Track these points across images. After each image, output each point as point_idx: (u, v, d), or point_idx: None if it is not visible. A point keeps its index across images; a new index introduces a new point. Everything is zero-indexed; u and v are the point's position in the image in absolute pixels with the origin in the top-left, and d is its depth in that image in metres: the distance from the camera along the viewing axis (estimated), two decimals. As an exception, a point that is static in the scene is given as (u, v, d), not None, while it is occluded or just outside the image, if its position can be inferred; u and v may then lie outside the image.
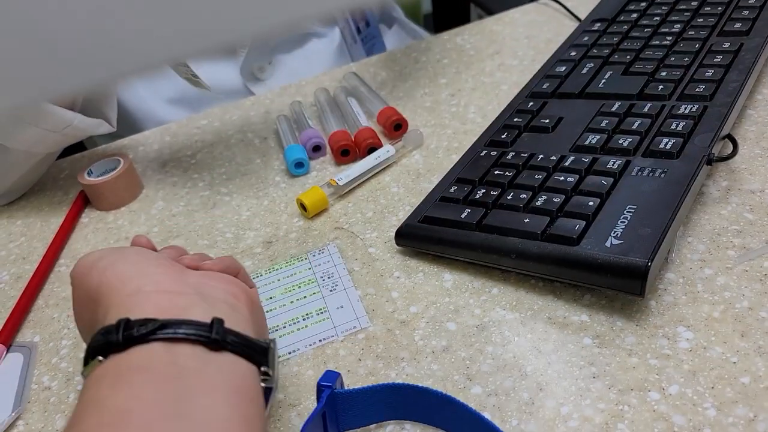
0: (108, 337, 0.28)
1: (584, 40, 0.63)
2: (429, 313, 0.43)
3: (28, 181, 0.64)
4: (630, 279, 0.38)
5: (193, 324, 0.29)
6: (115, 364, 0.28)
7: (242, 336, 0.30)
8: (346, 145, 0.59)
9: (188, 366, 0.27)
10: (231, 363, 0.29)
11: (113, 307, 0.30)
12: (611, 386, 0.36)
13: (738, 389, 0.35)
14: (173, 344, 0.28)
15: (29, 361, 0.46)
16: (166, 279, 0.32)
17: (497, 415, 0.36)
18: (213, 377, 0.27)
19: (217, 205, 0.58)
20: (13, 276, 0.55)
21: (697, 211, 0.46)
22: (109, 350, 0.28)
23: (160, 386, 0.26)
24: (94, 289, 0.33)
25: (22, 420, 0.42)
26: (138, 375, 0.27)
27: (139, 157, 0.68)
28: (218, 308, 0.31)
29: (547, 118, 0.53)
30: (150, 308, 0.29)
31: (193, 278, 0.32)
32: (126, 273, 0.32)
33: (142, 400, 0.25)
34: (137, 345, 0.28)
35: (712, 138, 0.45)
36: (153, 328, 0.28)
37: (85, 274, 0.34)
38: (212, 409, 0.26)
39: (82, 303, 0.35)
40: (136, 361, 0.27)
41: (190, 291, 0.31)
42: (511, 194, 0.46)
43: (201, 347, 0.28)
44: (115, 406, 0.25)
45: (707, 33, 0.58)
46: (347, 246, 0.50)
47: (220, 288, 0.33)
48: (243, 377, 0.29)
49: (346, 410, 0.36)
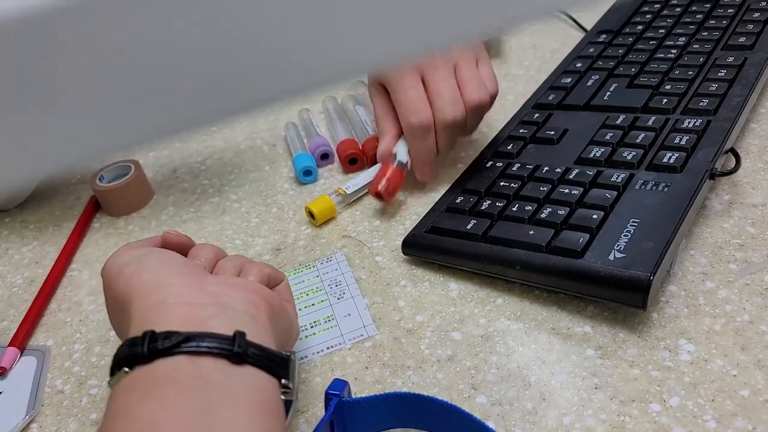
0: (133, 349, 0.29)
1: (590, 52, 0.64)
2: (435, 322, 0.44)
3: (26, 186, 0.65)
4: (632, 292, 0.39)
5: (216, 337, 0.29)
6: (143, 375, 0.28)
7: (263, 349, 0.31)
8: (353, 154, 0.60)
9: (212, 379, 0.28)
10: (252, 376, 0.30)
11: (136, 318, 0.31)
12: (613, 397, 0.37)
13: (738, 402, 0.36)
14: (197, 357, 0.29)
15: (42, 364, 0.47)
16: (187, 290, 0.32)
17: (501, 424, 0.37)
18: (236, 390, 0.28)
19: (227, 212, 0.59)
20: (26, 280, 0.56)
21: (700, 224, 0.47)
22: (135, 362, 0.29)
23: (187, 399, 0.27)
24: (122, 294, 0.34)
25: (36, 423, 0.43)
26: (166, 387, 0.27)
27: (150, 162, 0.69)
28: (239, 320, 0.32)
29: (553, 130, 0.54)
30: (173, 320, 0.30)
31: (213, 287, 0.33)
32: (149, 283, 0.33)
33: (170, 411, 0.26)
34: (162, 357, 0.29)
35: (715, 152, 0.46)
36: (177, 341, 0.29)
37: (114, 278, 0.35)
38: (235, 422, 0.27)
39: (112, 305, 0.36)
40: (163, 373, 0.28)
41: (210, 302, 0.32)
42: (516, 206, 0.46)
43: (224, 360, 0.29)
44: (144, 417, 0.26)
45: (712, 47, 0.59)
46: (354, 254, 0.51)
47: (240, 298, 0.33)
48: (264, 390, 0.30)
49: (354, 418, 0.37)
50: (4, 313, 0.53)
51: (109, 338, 0.48)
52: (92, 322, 0.50)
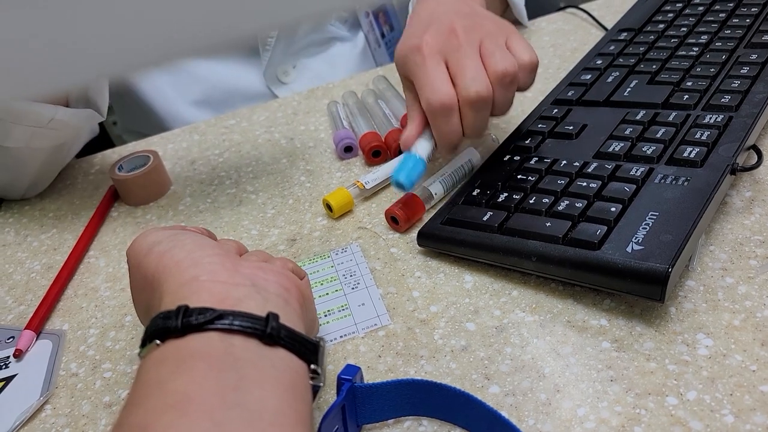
0: (167, 323, 0.29)
1: (610, 49, 0.63)
2: (449, 313, 0.44)
3: (48, 174, 0.66)
4: (650, 284, 0.38)
5: (249, 317, 0.29)
6: (175, 348, 0.28)
7: (295, 332, 0.30)
8: (377, 146, 0.60)
9: (243, 357, 0.28)
10: (283, 359, 0.29)
11: (169, 294, 0.31)
12: (629, 390, 0.37)
13: (757, 397, 0.35)
14: (229, 335, 0.29)
15: (58, 348, 0.48)
16: (222, 269, 0.32)
17: (514, 415, 0.37)
18: (266, 371, 0.28)
19: (243, 203, 0.59)
20: (44, 266, 0.56)
21: (720, 220, 0.46)
22: (167, 335, 0.29)
23: (220, 374, 0.27)
24: (151, 273, 0.33)
25: (49, 404, 0.43)
26: (199, 362, 0.27)
27: (168, 154, 0.69)
28: (272, 302, 0.31)
29: (571, 125, 0.53)
30: (206, 297, 0.30)
31: (248, 270, 0.33)
32: (183, 260, 0.33)
33: (202, 386, 0.26)
34: (195, 333, 0.28)
35: (736, 148, 0.45)
36: (211, 317, 0.28)
37: (144, 256, 0.35)
38: (267, 401, 0.27)
39: (138, 284, 0.36)
40: (195, 348, 0.28)
41: (245, 282, 0.32)
42: (533, 198, 0.46)
43: (255, 341, 0.29)
44: (177, 390, 0.26)
45: (735, 44, 0.58)
46: (370, 245, 0.51)
47: (273, 281, 0.33)
48: (294, 373, 0.29)
49: (365, 404, 0.36)
50: (21, 297, 0.53)
51: (124, 324, 0.49)
52: (108, 307, 0.51)
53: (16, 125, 0.57)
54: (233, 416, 0.25)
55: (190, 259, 0.32)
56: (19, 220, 0.63)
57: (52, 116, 0.58)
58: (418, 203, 0.52)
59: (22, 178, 0.63)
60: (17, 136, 0.58)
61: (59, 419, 0.42)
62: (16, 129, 0.57)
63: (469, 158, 0.56)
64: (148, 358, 0.29)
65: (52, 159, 0.64)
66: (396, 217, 0.51)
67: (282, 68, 0.85)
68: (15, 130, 0.57)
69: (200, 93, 0.84)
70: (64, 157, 0.67)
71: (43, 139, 0.60)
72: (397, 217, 0.51)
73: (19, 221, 0.63)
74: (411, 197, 0.52)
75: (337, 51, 0.89)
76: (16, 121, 0.57)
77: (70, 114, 0.59)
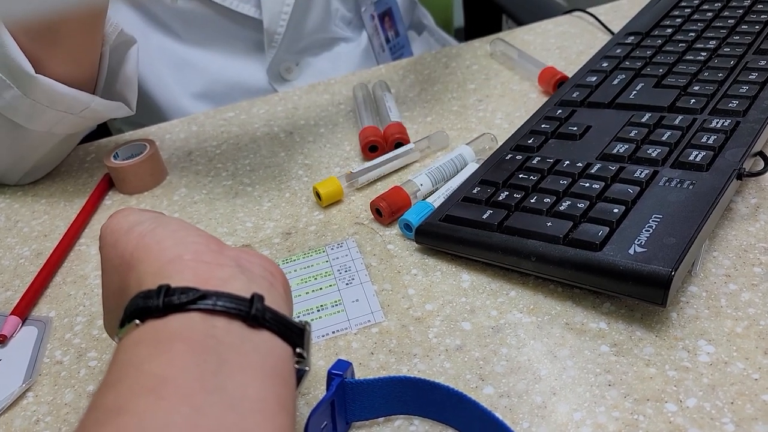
0: (147, 302, 0.27)
1: (617, 52, 0.62)
2: (444, 312, 0.43)
3: (50, 162, 0.65)
4: (652, 287, 0.37)
5: (233, 297, 0.28)
6: (153, 329, 0.27)
7: (280, 315, 0.29)
8: (373, 141, 0.59)
9: (225, 341, 0.27)
10: (267, 342, 0.28)
11: (150, 274, 0.30)
12: (627, 395, 0.36)
13: (758, 406, 0.34)
14: (211, 316, 0.27)
15: (43, 335, 0.47)
16: (206, 250, 0.31)
17: (508, 417, 0.36)
18: (249, 355, 0.27)
19: (239, 195, 0.58)
20: (33, 252, 0.55)
21: (724, 226, 0.45)
22: (147, 315, 0.27)
23: (199, 357, 0.25)
24: (130, 252, 0.32)
25: (32, 392, 0.42)
26: (178, 343, 0.26)
27: (165, 144, 0.68)
28: (257, 283, 0.30)
29: (575, 126, 0.52)
30: (189, 277, 0.29)
31: (232, 252, 0.32)
32: (166, 239, 0.31)
33: (181, 369, 0.25)
34: (176, 313, 0.27)
35: (743, 153, 0.45)
36: (194, 297, 0.27)
37: (123, 234, 0.33)
38: (248, 386, 0.25)
39: (113, 264, 0.34)
40: (175, 329, 0.27)
41: (229, 263, 0.30)
42: (534, 198, 0.45)
43: (239, 322, 0.28)
44: (154, 372, 0.25)
45: (743, 50, 0.57)
46: (366, 241, 0.50)
47: (258, 264, 0.32)
48: (278, 358, 0.28)
49: (356, 401, 0.35)
50: (9, 283, 0.52)
51: (112, 312, 0.48)
52: (96, 296, 0.49)
53: (50, 109, 0.56)
54: (213, 401, 0.24)
55: (174, 239, 0.31)
56: (11, 206, 0.62)
57: (87, 105, 0.57)
58: (404, 196, 0.51)
59: (24, 162, 0.62)
60: (45, 120, 0.57)
61: (41, 407, 0.41)
62: (47, 113, 0.56)
63: (460, 153, 0.55)
64: (126, 339, 0.28)
65: (61, 147, 0.63)
66: (380, 209, 0.50)
67: (285, 65, 0.84)
68: (46, 113, 0.56)
69: (202, 85, 0.83)
70: (70, 146, 0.66)
71: (67, 126, 0.59)
72: (380, 209, 0.50)
73: (10, 206, 0.62)
74: (396, 190, 0.51)
75: (340, 50, 0.88)
76: (51, 105, 0.56)
77: (104, 105, 0.58)
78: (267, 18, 0.79)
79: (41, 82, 0.53)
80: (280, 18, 0.80)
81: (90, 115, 0.58)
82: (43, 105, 0.55)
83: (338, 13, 0.86)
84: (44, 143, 0.61)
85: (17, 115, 0.56)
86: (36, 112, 0.56)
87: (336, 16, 0.86)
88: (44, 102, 0.55)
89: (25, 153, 0.61)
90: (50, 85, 0.54)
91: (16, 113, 0.56)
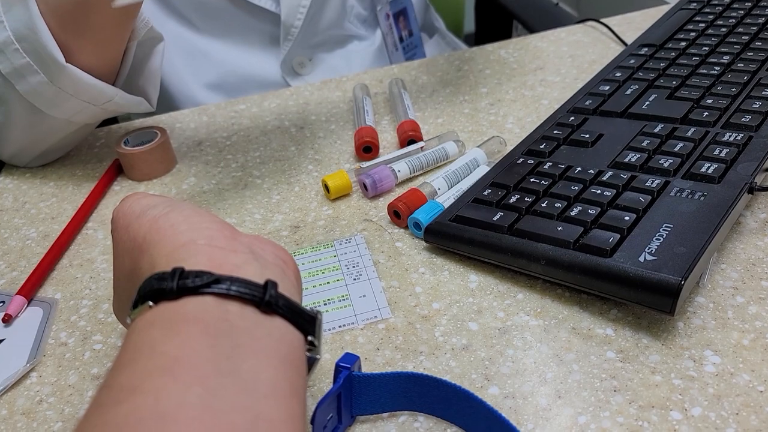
0: (162, 284, 0.27)
1: (630, 63, 0.63)
2: (451, 311, 0.43)
3: (62, 147, 0.65)
4: (661, 296, 0.37)
5: (247, 283, 0.28)
6: (167, 310, 0.27)
7: (292, 302, 0.29)
8: (367, 142, 0.59)
9: (238, 325, 0.27)
10: (279, 328, 0.28)
11: (163, 257, 0.30)
12: (632, 401, 0.36)
13: (763, 418, 0.34)
14: (225, 300, 0.27)
15: (49, 316, 0.47)
16: (220, 235, 0.31)
17: (513, 418, 0.36)
18: (262, 340, 0.27)
19: (248, 187, 0.58)
20: (41, 234, 0.55)
21: (733, 240, 0.45)
22: (161, 297, 0.27)
23: (213, 340, 0.25)
24: (142, 235, 0.32)
25: (35, 372, 0.42)
26: (192, 326, 0.26)
27: (176, 134, 0.68)
28: (270, 270, 0.30)
29: (588, 133, 0.53)
30: (204, 261, 0.29)
31: (246, 238, 0.32)
32: (180, 224, 0.31)
33: (195, 351, 0.25)
34: (190, 296, 0.27)
35: (755, 167, 0.45)
36: (208, 281, 0.27)
37: (136, 218, 0.33)
38: (261, 371, 0.25)
39: (125, 247, 0.34)
40: (189, 312, 0.27)
41: (243, 249, 0.30)
42: (545, 202, 0.45)
43: (252, 308, 0.28)
44: (168, 353, 0.25)
45: (757, 66, 0.57)
46: (374, 238, 0.50)
47: (271, 251, 0.32)
48: (290, 345, 0.28)
49: (362, 394, 0.35)
50: (15, 263, 0.52)
51: (118, 297, 0.48)
52: (103, 279, 0.49)
53: (73, 98, 0.56)
54: (227, 384, 0.24)
55: (188, 223, 0.31)
56: (19, 187, 0.62)
57: (111, 98, 0.58)
58: (422, 198, 0.51)
59: (38, 146, 0.62)
60: (67, 108, 0.57)
61: (44, 387, 0.41)
62: (70, 101, 0.56)
63: (474, 156, 0.55)
64: (139, 320, 0.28)
65: (75, 134, 0.63)
66: (398, 212, 0.50)
67: (299, 60, 0.84)
68: (69, 102, 0.56)
69: (215, 76, 0.83)
70: (84, 134, 0.66)
71: (87, 115, 0.59)
72: (399, 212, 0.50)
73: (18, 188, 0.62)
74: (414, 192, 0.51)
75: (354, 47, 0.89)
76: (75, 94, 0.56)
77: (127, 99, 0.59)
78: (285, 11, 0.79)
79: (70, 72, 0.54)
80: (297, 12, 0.80)
81: (111, 107, 0.59)
82: (68, 93, 0.55)
83: (354, 11, 0.86)
84: (61, 130, 0.61)
85: (40, 100, 0.56)
86: (59, 100, 0.56)
87: (351, 13, 0.86)
88: (69, 91, 0.55)
89: (39, 137, 0.61)
90: (78, 75, 0.54)
91: (39, 99, 0.56)
